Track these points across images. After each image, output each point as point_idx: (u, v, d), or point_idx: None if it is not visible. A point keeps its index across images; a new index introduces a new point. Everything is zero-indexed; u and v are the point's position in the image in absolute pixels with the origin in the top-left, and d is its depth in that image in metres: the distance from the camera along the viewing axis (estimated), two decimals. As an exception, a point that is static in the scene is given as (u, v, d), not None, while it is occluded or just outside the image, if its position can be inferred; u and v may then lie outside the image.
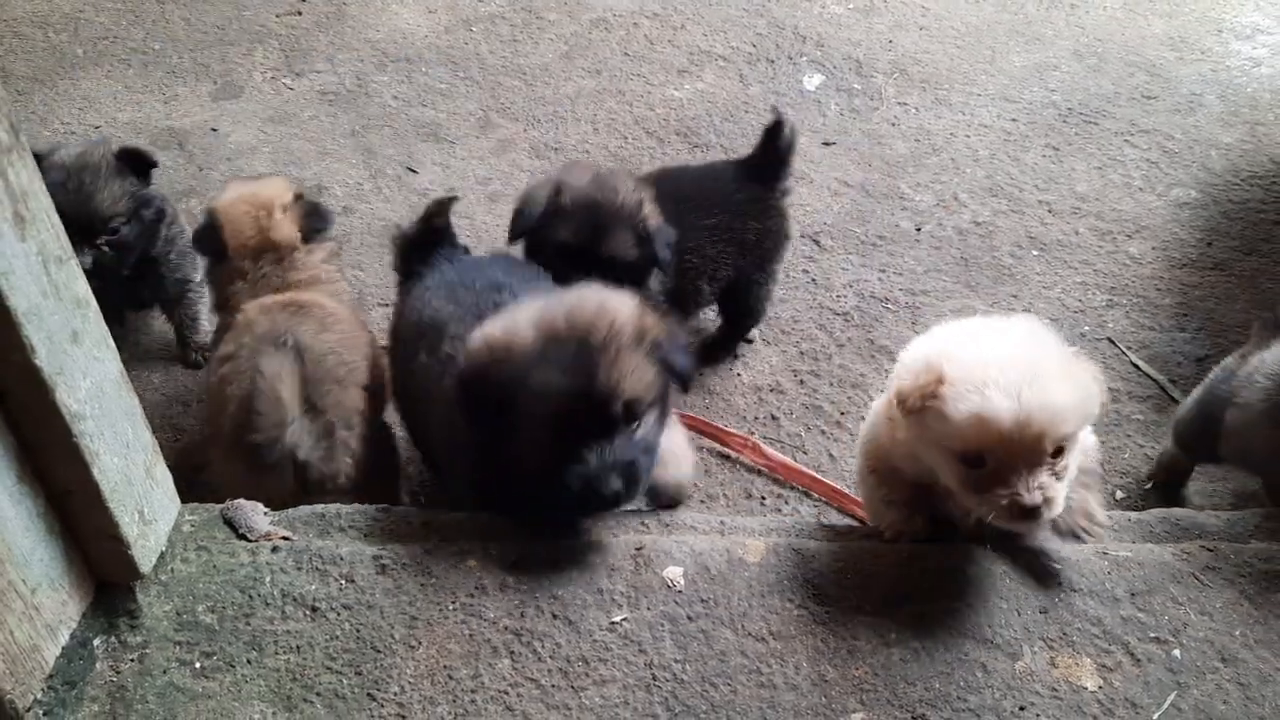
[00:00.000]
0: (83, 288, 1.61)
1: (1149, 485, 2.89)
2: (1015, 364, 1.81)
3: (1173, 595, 2.02)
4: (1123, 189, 3.85)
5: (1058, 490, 1.85)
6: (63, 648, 1.81)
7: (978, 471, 1.87)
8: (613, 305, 2.03)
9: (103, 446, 1.66)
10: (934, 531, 2.18)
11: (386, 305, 3.39)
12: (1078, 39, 4.57)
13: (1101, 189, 3.85)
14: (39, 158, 2.20)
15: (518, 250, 2.85)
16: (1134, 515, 2.31)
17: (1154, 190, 3.84)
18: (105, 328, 1.69)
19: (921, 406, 1.87)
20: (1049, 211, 3.76)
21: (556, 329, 1.98)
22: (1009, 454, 1.82)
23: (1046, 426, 1.79)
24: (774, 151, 3.11)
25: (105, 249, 2.83)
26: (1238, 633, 1.96)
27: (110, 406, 1.70)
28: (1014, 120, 4.16)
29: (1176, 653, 1.93)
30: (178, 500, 2.03)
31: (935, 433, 1.88)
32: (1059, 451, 1.85)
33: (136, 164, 2.91)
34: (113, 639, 1.90)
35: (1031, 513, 1.83)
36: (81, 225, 2.67)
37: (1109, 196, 3.82)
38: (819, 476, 2.89)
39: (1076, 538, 2.12)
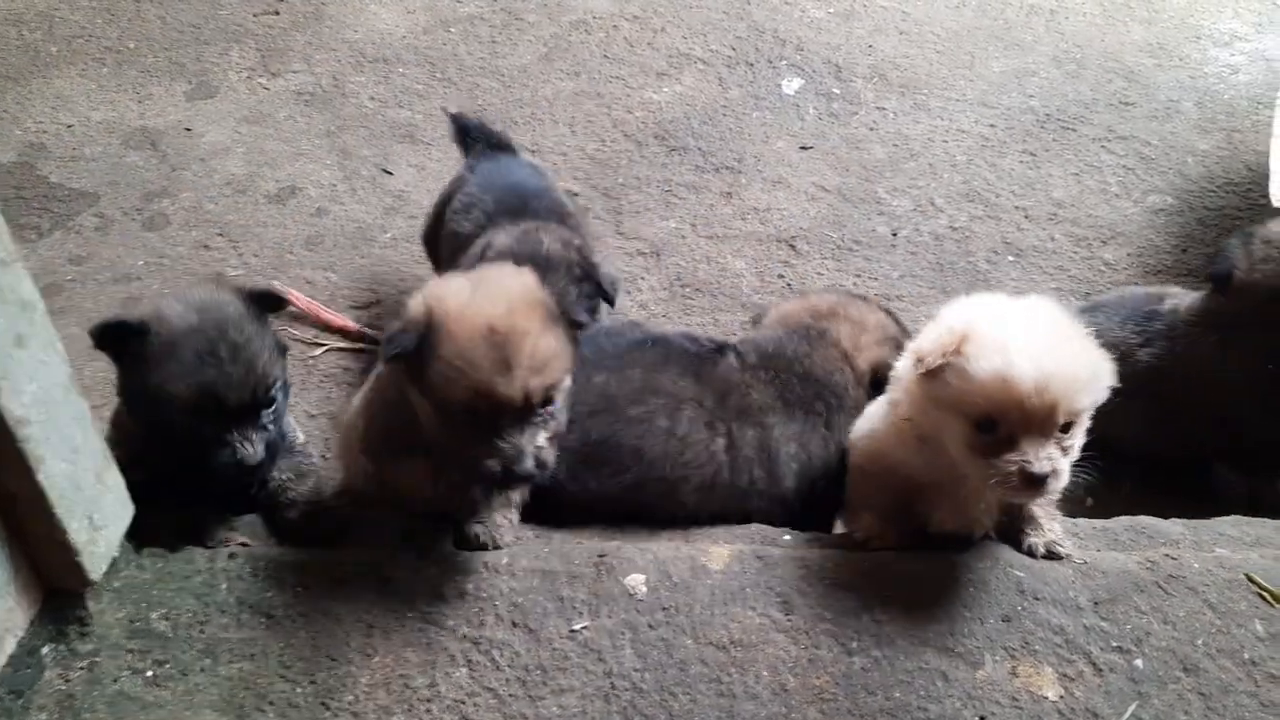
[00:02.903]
0: (28, 289, 1.59)
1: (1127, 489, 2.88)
2: (1038, 332, 1.85)
3: (1136, 604, 2.01)
4: (1099, 195, 3.85)
5: (1063, 465, 1.86)
6: (9, 656, 1.79)
7: (988, 437, 1.87)
8: None
9: (49, 452, 1.64)
10: (906, 542, 2.17)
11: (358, 307, 3.37)
12: (1057, 45, 4.57)
13: (1078, 195, 3.85)
14: (143, 332, 1.94)
15: None
16: (1099, 523, 2.31)
17: (1130, 197, 3.84)
18: (53, 331, 1.66)
19: (940, 365, 1.87)
20: (1025, 217, 3.76)
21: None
22: (1023, 419, 1.82)
23: (1062, 395, 1.81)
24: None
25: (270, 427, 2.07)
26: (1200, 642, 1.95)
27: (58, 412, 1.67)
28: (992, 126, 4.15)
29: (1138, 662, 1.92)
30: (131, 505, 2.00)
31: (951, 393, 1.88)
32: (1067, 428, 1.87)
33: (269, 306, 2.17)
34: (62, 647, 1.87)
35: (1039, 481, 1.83)
36: (244, 403, 2.00)
37: (1085, 203, 3.82)
38: None
39: (1054, 556, 2.12)
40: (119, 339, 1.96)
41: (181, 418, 1.95)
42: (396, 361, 1.88)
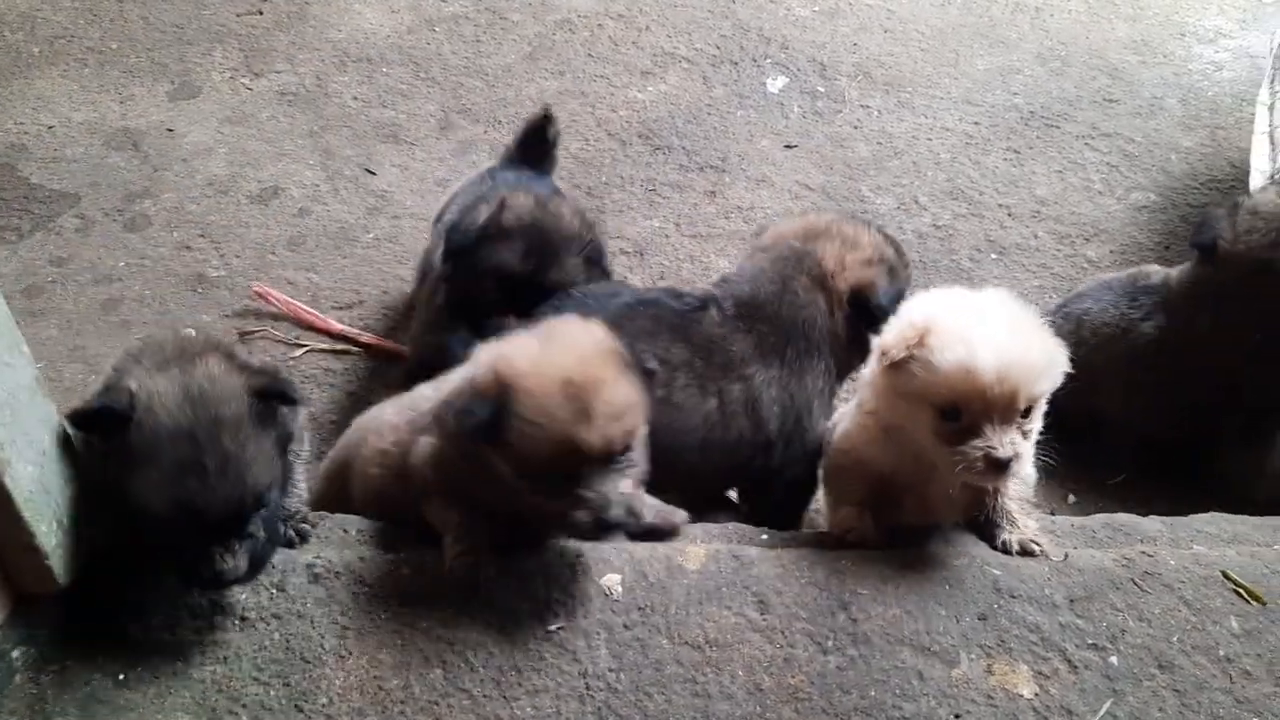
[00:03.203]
0: (-9, 292, 1.58)
1: (1119, 479, 2.89)
2: (998, 323, 1.91)
3: (1111, 602, 2.01)
4: (1082, 192, 3.85)
5: (1025, 448, 1.92)
6: (-21, 660, 1.78)
7: (952, 425, 1.92)
8: None
9: (15, 455, 1.63)
10: (882, 536, 2.18)
11: (340, 308, 3.36)
12: (1041, 42, 4.57)
13: (1061, 192, 3.85)
14: (125, 420, 1.73)
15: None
16: (1077, 520, 2.30)
17: (1113, 194, 3.84)
18: (17, 332, 1.65)
19: (905, 358, 1.93)
20: (1008, 215, 3.76)
21: None
22: (985, 407, 1.88)
23: (1022, 383, 1.87)
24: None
25: (258, 533, 1.85)
26: (1175, 639, 1.95)
27: (23, 415, 1.66)
28: (976, 123, 4.15)
29: (1114, 660, 1.92)
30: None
31: (916, 384, 1.94)
32: (1027, 412, 1.92)
33: (280, 400, 1.91)
34: (32, 650, 1.86)
35: (1003, 466, 1.89)
36: (229, 517, 1.79)
37: (1068, 200, 3.82)
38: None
39: (1028, 553, 2.12)
40: (98, 426, 1.78)
41: (156, 528, 1.78)
42: (473, 436, 1.84)
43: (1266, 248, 2.57)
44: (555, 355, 1.85)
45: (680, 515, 2.12)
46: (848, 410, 2.36)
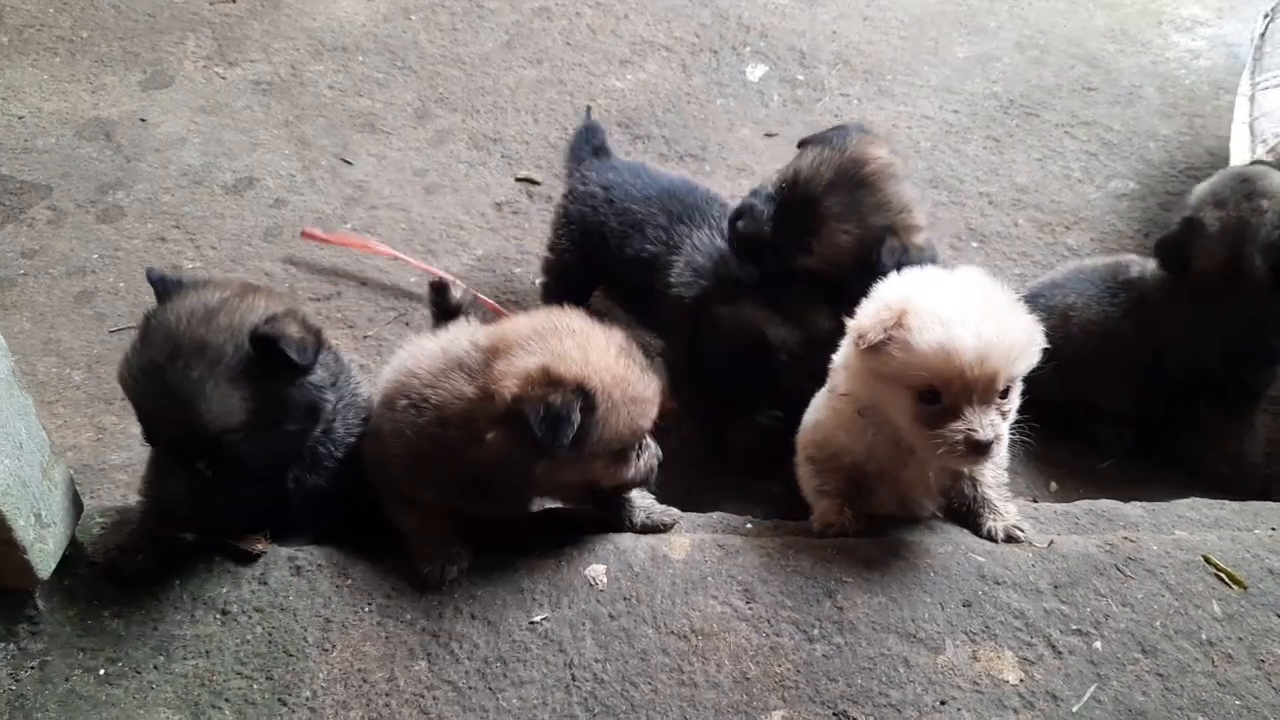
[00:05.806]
0: (-35, 283, 1.55)
1: (1107, 464, 2.91)
2: (975, 304, 1.88)
3: (1095, 587, 2.02)
4: (1062, 180, 3.86)
5: (1004, 429, 1.90)
6: (-45, 657, 1.75)
7: (931, 408, 1.90)
8: None
9: (-10, 448, 1.60)
10: (864, 527, 2.18)
11: (317, 300, 3.33)
12: (1020, 30, 4.58)
13: (1041, 180, 3.86)
14: (157, 287, 1.89)
15: None
16: (1060, 507, 2.31)
17: (1093, 182, 3.85)
18: (-9, 324, 1.62)
19: (882, 341, 1.89)
20: (989, 203, 3.77)
21: None
22: (965, 388, 1.86)
23: (1002, 364, 1.85)
24: None
25: (204, 470, 1.85)
26: (1158, 623, 1.96)
27: (0, 406, 1.63)
28: (956, 112, 4.16)
29: (1098, 644, 1.93)
30: (81, 502, 1.96)
31: (895, 367, 1.90)
32: (1005, 393, 1.91)
33: (274, 357, 1.83)
34: (12, 646, 1.84)
35: (984, 447, 1.87)
36: (173, 439, 1.83)
37: (1048, 188, 3.83)
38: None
39: (1013, 540, 2.13)
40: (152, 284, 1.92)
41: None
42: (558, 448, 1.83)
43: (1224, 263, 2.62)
44: (634, 366, 1.96)
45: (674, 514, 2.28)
46: (818, 402, 2.32)
